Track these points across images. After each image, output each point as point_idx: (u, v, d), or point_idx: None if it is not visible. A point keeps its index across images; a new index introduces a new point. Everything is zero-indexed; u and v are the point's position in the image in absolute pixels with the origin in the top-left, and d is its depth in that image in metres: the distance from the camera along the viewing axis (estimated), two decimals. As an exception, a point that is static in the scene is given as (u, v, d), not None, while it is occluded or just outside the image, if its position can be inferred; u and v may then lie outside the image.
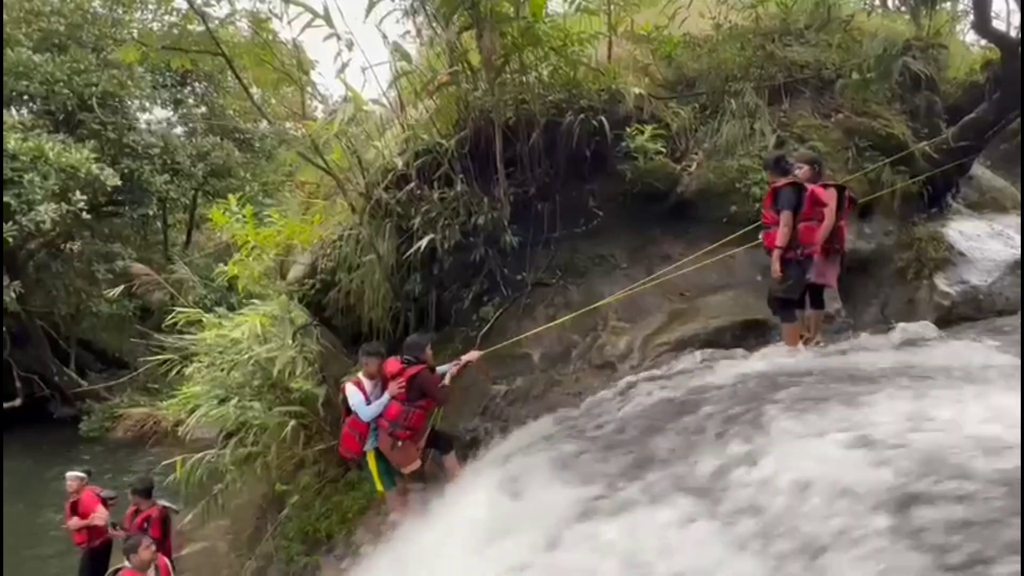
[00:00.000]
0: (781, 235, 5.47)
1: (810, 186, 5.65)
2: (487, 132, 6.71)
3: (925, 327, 6.33)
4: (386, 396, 5.67)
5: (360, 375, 5.86)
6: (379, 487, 5.87)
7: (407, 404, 5.58)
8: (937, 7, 8.64)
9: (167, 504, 7.29)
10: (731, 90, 7.57)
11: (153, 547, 5.53)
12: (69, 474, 7.65)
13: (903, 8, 9.99)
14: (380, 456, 5.77)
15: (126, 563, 5.44)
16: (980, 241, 8.02)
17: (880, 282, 7.41)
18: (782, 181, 5.58)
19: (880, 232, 7.49)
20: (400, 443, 5.62)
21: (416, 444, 5.75)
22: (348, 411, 5.80)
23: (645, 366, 5.98)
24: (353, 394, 5.72)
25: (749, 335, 6.10)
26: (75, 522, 7.37)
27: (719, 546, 3.36)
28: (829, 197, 5.76)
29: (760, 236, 5.84)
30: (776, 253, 5.50)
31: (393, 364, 5.70)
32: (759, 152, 7.12)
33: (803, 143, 7.37)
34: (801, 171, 5.78)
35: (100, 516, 7.41)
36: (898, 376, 4.83)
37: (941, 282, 7.36)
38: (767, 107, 7.55)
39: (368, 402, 5.70)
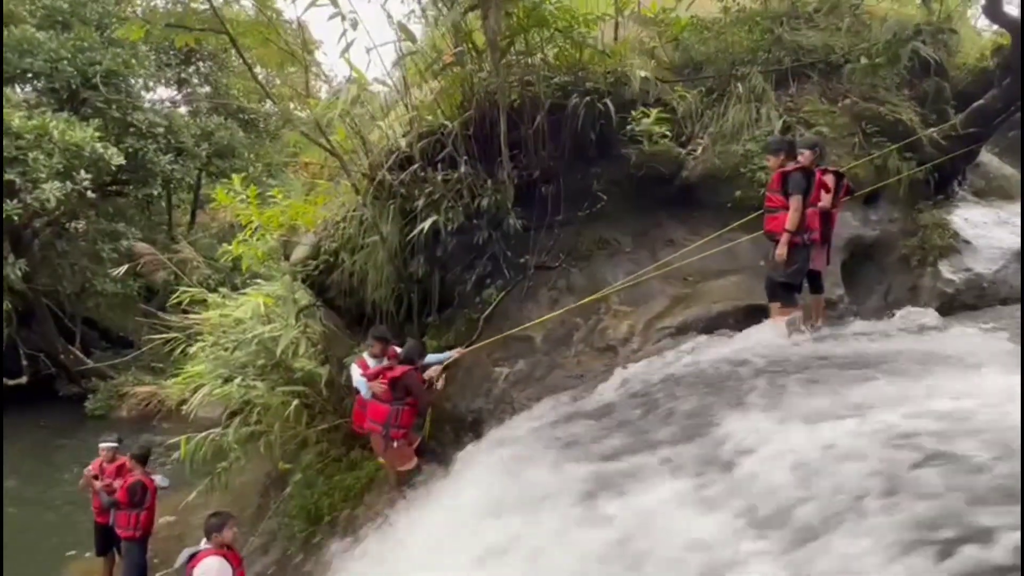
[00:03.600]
0: (792, 219, 5.46)
1: (818, 172, 5.69)
2: (491, 114, 6.68)
3: (926, 314, 6.34)
4: (367, 390, 5.81)
5: (365, 355, 5.98)
6: (382, 459, 6.08)
7: (395, 404, 5.69)
8: (948, -9, 8.54)
9: (158, 480, 7.33)
10: (738, 74, 7.51)
11: (236, 529, 5.14)
12: (104, 444, 7.63)
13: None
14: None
15: (203, 544, 4.96)
16: (986, 229, 8.00)
17: (884, 268, 7.39)
18: (791, 165, 5.58)
19: (885, 218, 7.46)
20: (395, 443, 5.71)
21: (409, 442, 5.84)
22: (358, 391, 5.99)
23: (647, 350, 5.99)
24: (355, 372, 5.87)
25: (751, 320, 6.10)
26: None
27: (719, 526, 3.40)
28: (830, 183, 5.83)
29: (764, 220, 5.84)
30: (785, 237, 5.50)
31: (373, 369, 5.85)
32: (765, 137, 7.08)
33: (810, 128, 7.33)
34: (802, 156, 5.78)
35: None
36: (896, 362, 4.84)
37: (945, 269, 7.34)
38: (774, 91, 7.49)
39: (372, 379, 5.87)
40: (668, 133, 6.94)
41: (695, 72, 7.89)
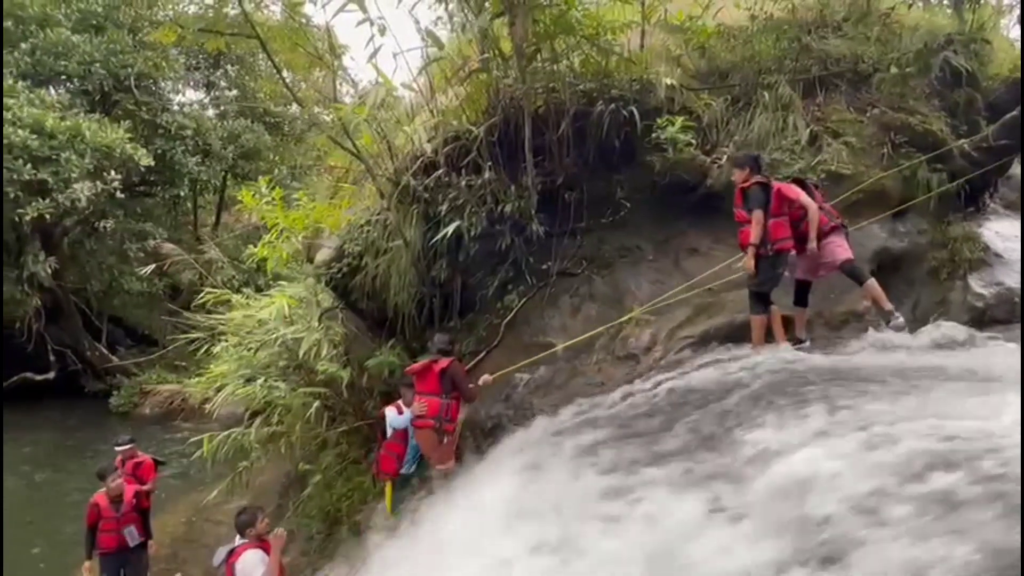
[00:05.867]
0: (754, 233, 5.57)
1: (776, 184, 5.75)
2: (516, 120, 6.69)
3: (956, 328, 6.23)
4: (407, 414, 5.85)
5: (400, 403, 6.06)
6: (389, 510, 6.10)
7: (444, 398, 5.69)
8: (981, 0, 8.41)
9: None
10: (764, 82, 7.45)
11: (267, 520, 5.25)
12: (122, 447, 7.52)
13: (945, 1, 9.74)
14: (397, 486, 6.06)
15: (238, 539, 5.00)
16: (1017, 242, 7.84)
17: (912, 281, 7.27)
18: (751, 180, 5.66)
19: (914, 231, 7.35)
20: (447, 437, 5.75)
21: (455, 438, 5.87)
22: (384, 435, 6.03)
23: (668, 359, 5.96)
24: (391, 414, 5.98)
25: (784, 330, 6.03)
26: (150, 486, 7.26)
27: (737, 537, 3.37)
28: (797, 193, 5.83)
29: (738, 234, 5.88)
30: (750, 250, 5.61)
31: (418, 364, 5.86)
32: (792, 146, 7.03)
33: (837, 138, 7.26)
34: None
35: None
36: (922, 376, 4.76)
37: (975, 283, 7.21)
38: (801, 100, 7.42)
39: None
40: (693, 141, 6.89)
41: (721, 80, 7.84)
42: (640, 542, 3.64)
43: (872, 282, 5.81)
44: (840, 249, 5.82)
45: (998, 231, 7.91)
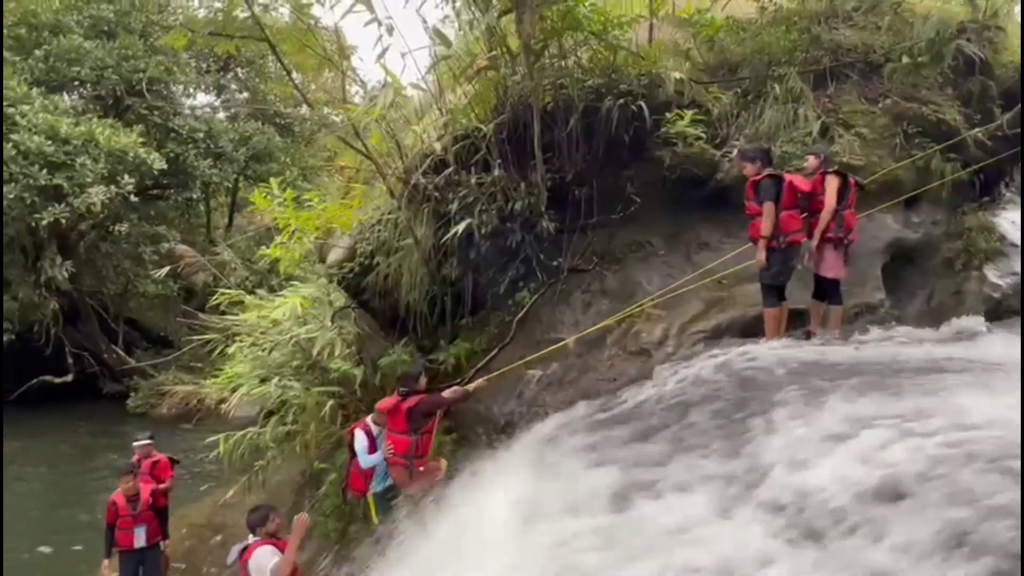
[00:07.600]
0: (765, 225, 5.56)
1: (788, 176, 5.72)
2: (525, 117, 6.70)
3: (973, 320, 6.17)
4: (379, 454, 5.84)
5: (369, 420, 6.04)
6: (375, 520, 6.07)
7: (413, 435, 5.65)
8: (994, -13, 8.30)
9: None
10: (775, 74, 7.41)
11: (279, 520, 5.20)
12: (140, 443, 7.52)
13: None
14: (378, 497, 6.05)
15: (251, 538, 5.01)
16: (1034, 232, 7.73)
17: (926, 273, 7.21)
18: (763, 173, 5.63)
19: (928, 221, 7.28)
20: (420, 470, 5.72)
21: (434, 467, 5.85)
22: (354, 454, 6.04)
23: (681, 353, 5.94)
24: (360, 439, 5.92)
25: (787, 325, 6.00)
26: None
27: (751, 536, 3.36)
28: (829, 184, 5.76)
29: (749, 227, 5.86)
30: (761, 243, 5.60)
31: (387, 401, 5.81)
32: (803, 138, 6.98)
33: (848, 129, 7.20)
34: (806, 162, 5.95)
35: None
36: (942, 369, 4.72)
37: (991, 274, 7.13)
38: (812, 92, 7.38)
39: (372, 448, 5.94)
40: (703, 135, 6.86)
41: (730, 73, 7.80)
42: (656, 539, 3.64)
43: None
44: (827, 266, 5.82)
45: (1014, 220, 7.80)
